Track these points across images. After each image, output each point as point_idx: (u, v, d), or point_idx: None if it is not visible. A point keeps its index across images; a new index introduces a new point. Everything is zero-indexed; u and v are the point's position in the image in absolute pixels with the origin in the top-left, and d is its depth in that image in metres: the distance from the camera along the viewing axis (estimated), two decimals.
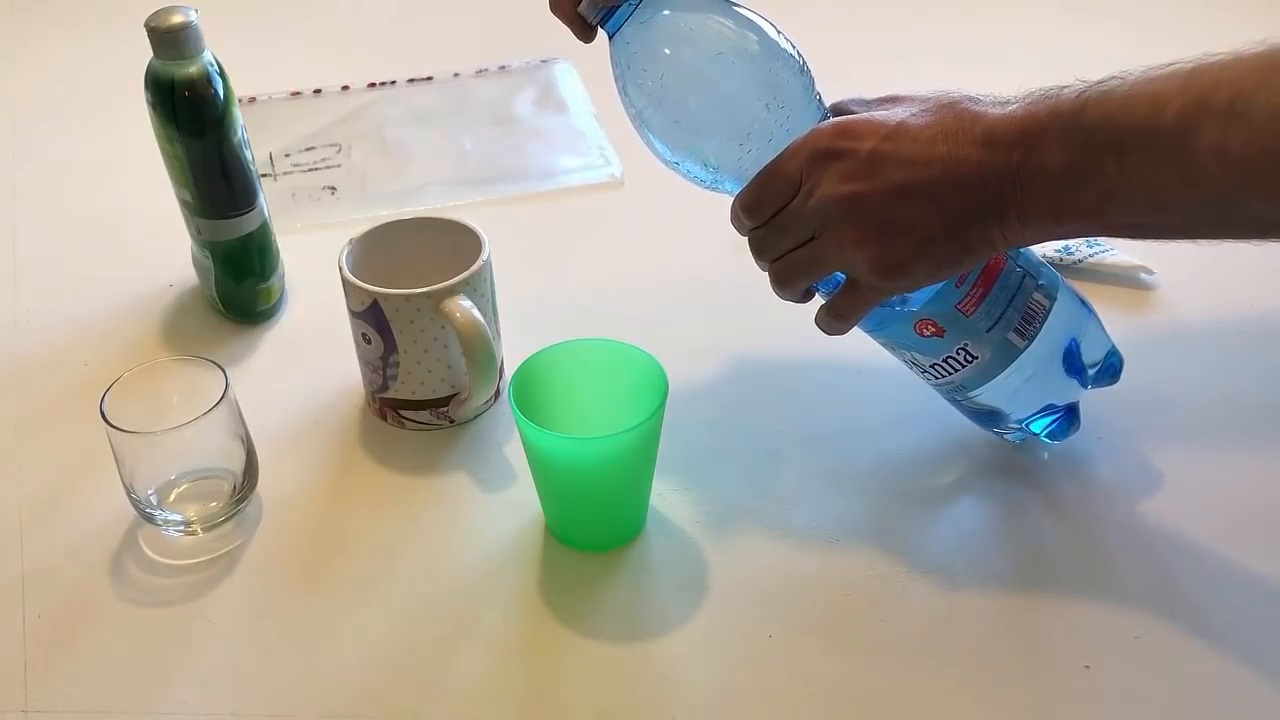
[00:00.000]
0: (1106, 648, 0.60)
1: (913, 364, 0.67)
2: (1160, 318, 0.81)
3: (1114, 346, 0.67)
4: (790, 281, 0.63)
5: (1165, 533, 0.66)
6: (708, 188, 0.64)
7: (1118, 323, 0.68)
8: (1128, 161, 0.54)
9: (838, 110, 0.64)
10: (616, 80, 0.62)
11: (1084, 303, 0.66)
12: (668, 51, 0.61)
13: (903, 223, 0.59)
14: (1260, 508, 0.67)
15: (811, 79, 0.63)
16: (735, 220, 0.64)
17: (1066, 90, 0.57)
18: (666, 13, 0.61)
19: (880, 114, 0.61)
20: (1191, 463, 0.70)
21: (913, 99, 0.62)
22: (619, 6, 0.61)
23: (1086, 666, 0.60)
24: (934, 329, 0.64)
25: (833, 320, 0.64)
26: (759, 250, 0.64)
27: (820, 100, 0.63)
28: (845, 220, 0.59)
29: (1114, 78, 0.56)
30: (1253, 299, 0.82)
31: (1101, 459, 0.70)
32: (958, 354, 0.64)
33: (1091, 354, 0.66)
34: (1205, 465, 0.70)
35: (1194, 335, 0.80)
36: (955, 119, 0.59)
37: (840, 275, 0.63)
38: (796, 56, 0.62)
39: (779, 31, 0.62)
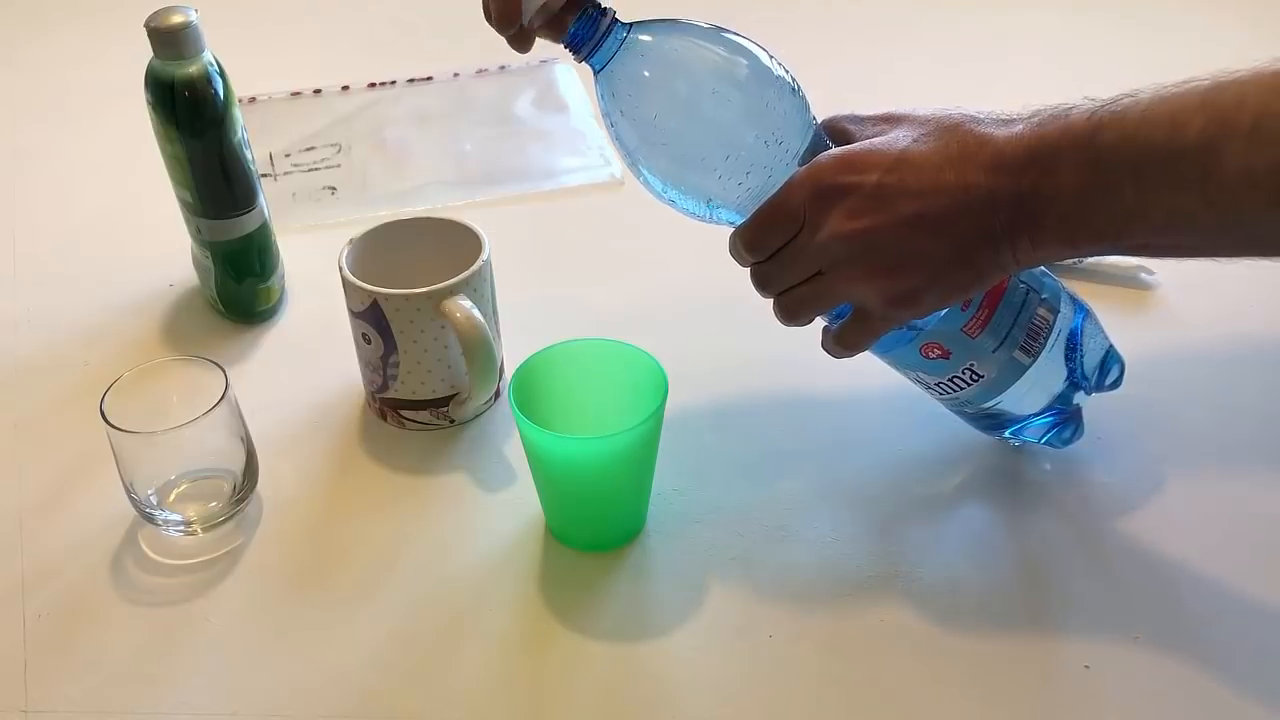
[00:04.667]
0: (1106, 648, 0.60)
1: (917, 381, 0.67)
2: (1160, 318, 0.81)
3: (1112, 345, 0.67)
4: (797, 314, 0.62)
5: (1165, 533, 0.66)
6: (701, 220, 0.62)
7: (1117, 323, 0.68)
8: (1147, 184, 0.53)
9: (831, 129, 0.63)
10: (604, 115, 0.60)
11: (1081, 304, 0.66)
12: (661, 90, 0.58)
13: (914, 255, 0.57)
14: (1260, 508, 0.67)
15: (805, 100, 0.60)
16: (735, 254, 0.62)
17: (1075, 110, 0.56)
18: (655, 47, 0.58)
19: (881, 142, 0.59)
20: (1191, 463, 0.70)
21: (910, 120, 0.60)
22: (604, 39, 0.58)
23: (1086, 666, 0.60)
24: (940, 351, 0.63)
25: (840, 348, 0.63)
26: (762, 284, 0.62)
27: (814, 121, 0.61)
28: (856, 256, 0.58)
29: (1125, 96, 0.55)
30: (1252, 298, 0.82)
31: (1101, 460, 0.70)
32: (963, 374, 0.64)
33: (1091, 354, 0.66)
34: (1205, 465, 0.70)
35: (1194, 335, 0.80)
36: (959, 143, 0.57)
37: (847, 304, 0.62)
38: (789, 80, 0.60)
39: (770, 55, 0.60)
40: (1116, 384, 0.67)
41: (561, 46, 0.60)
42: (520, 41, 0.61)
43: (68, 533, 0.69)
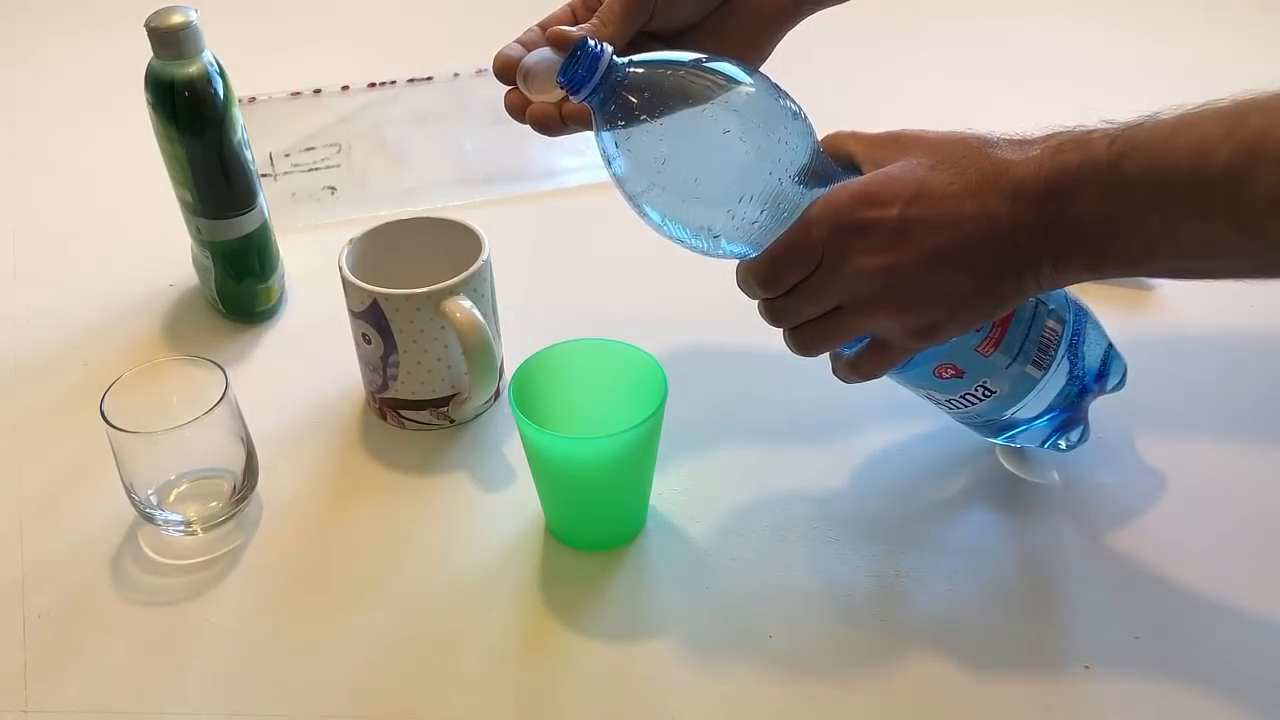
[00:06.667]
0: (1106, 648, 0.60)
1: (927, 398, 0.67)
2: (1160, 318, 0.81)
3: (1112, 345, 0.67)
4: (815, 347, 0.61)
5: (1165, 533, 0.66)
6: (704, 254, 0.60)
7: (1118, 324, 0.68)
8: (1174, 212, 0.52)
9: (833, 148, 0.61)
10: (604, 155, 0.57)
11: (1080, 306, 0.66)
12: (669, 132, 0.55)
13: (937, 289, 0.57)
14: (1260, 507, 0.68)
15: (808, 121, 0.58)
16: (745, 288, 0.60)
17: (1094, 135, 0.55)
18: (659, 86, 0.56)
19: (898, 171, 0.57)
20: (1191, 463, 0.70)
21: (922, 143, 0.58)
22: (605, 80, 0.55)
23: (1086, 666, 0.60)
24: (954, 371, 0.63)
25: (854, 376, 0.62)
26: (775, 318, 0.60)
27: (816, 142, 0.59)
28: (878, 292, 0.57)
29: (1145, 119, 0.54)
30: (1253, 299, 0.82)
31: (1101, 459, 0.70)
32: (976, 391, 0.64)
33: (1091, 354, 0.66)
34: (1205, 465, 0.70)
35: (1194, 336, 0.80)
36: (977, 171, 0.56)
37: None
38: (792, 105, 0.58)
39: (769, 81, 0.58)
40: (1119, 386, 0.67)
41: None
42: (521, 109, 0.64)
43: (68, 533, 0.69)
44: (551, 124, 0.64)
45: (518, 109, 0.64)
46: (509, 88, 0.64)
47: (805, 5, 0.67)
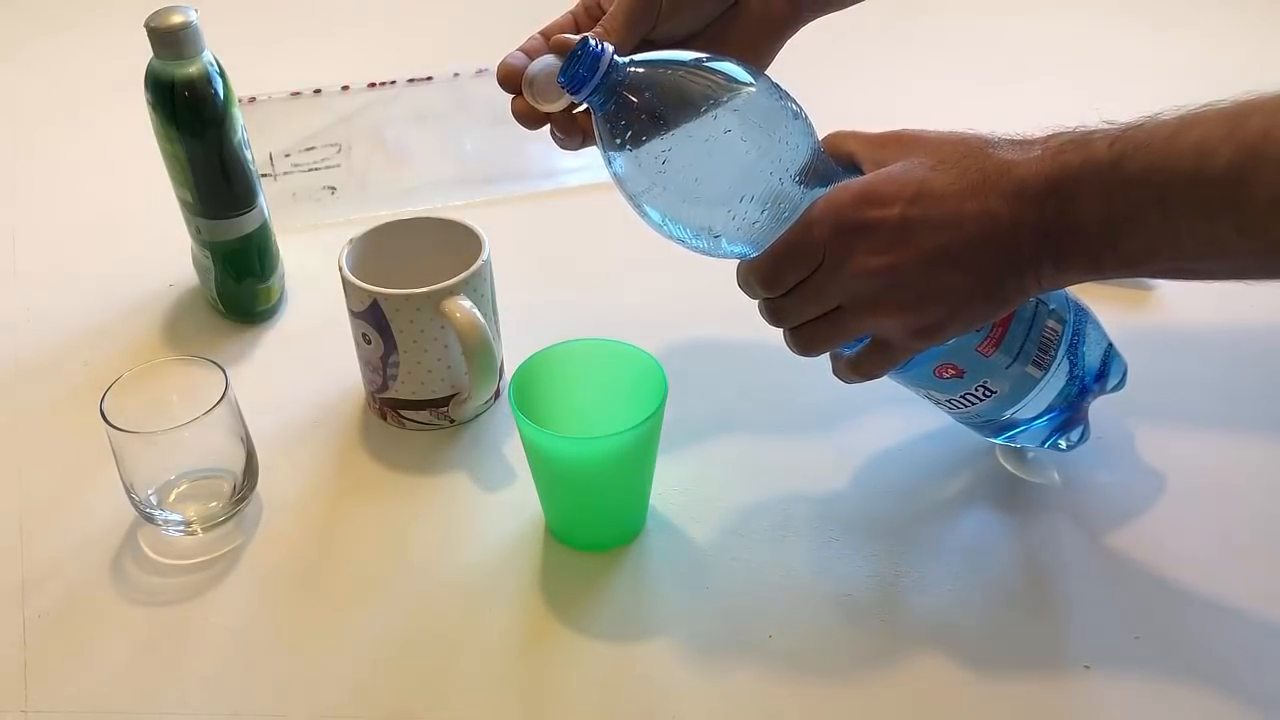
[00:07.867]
0: (1106, 648, 0.60)
1: (927, 397, 0.67)
2: (1160, 318, 0.81)
3: (1112, 344, 0.67)
4: (816, 347, 0.61)
5: (1165, 532, 0.66)
6: (704, 254, 0.60)
7: (1118, 324, 0.68)
8: (1174, 213, 0.52)
9: (834, 148, 0.61)
10: (604, 154, 0.58)
11: (1080, 306, 0.66)
12: (670, 131, 0.55)
13: (938, 289, 0.57)
14: (1260, 507, 0.67)
15: (808, 120, 0.58)
16: (746, 287, 0.60)
17: (1096, 135, 0.55)
18: (660, 85, 0.56)
19: (899, 171, 0.57)
20: (1192, 463, 0.70)
21: (924, 143, 0.58)
22: (605, 79, 0.55)
23: (1086, 666, 0.60)
24: (954, 371, 0.63)
25: (855, 376, 0.62)
26: (776, 317, 0.60)
27: (817, 142, 0.59)
28: (879, 292, 0.57)
29: (1146, 120, 0.54)
30: (1253, 299, 0.81)
31: (1101, 459, 0.70)
32: (976, 390, 0.64)
33: (1091, 353, 0.66)
34: (1205, 465, 0.70)
35: (1194, 336, 0.80)
36: (979, 171, 0.56)
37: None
38: (793, 105, 0.57)
39: (771, 81, 0.58)
40: (1119, 386, 0.67)
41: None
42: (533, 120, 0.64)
43: (68, 533, 0.69)
44: (572, 136, 0.63)
45: (524, 116, 0.64)
46: (513, 95, 0.64)
47: (806, 12, 0.67)
